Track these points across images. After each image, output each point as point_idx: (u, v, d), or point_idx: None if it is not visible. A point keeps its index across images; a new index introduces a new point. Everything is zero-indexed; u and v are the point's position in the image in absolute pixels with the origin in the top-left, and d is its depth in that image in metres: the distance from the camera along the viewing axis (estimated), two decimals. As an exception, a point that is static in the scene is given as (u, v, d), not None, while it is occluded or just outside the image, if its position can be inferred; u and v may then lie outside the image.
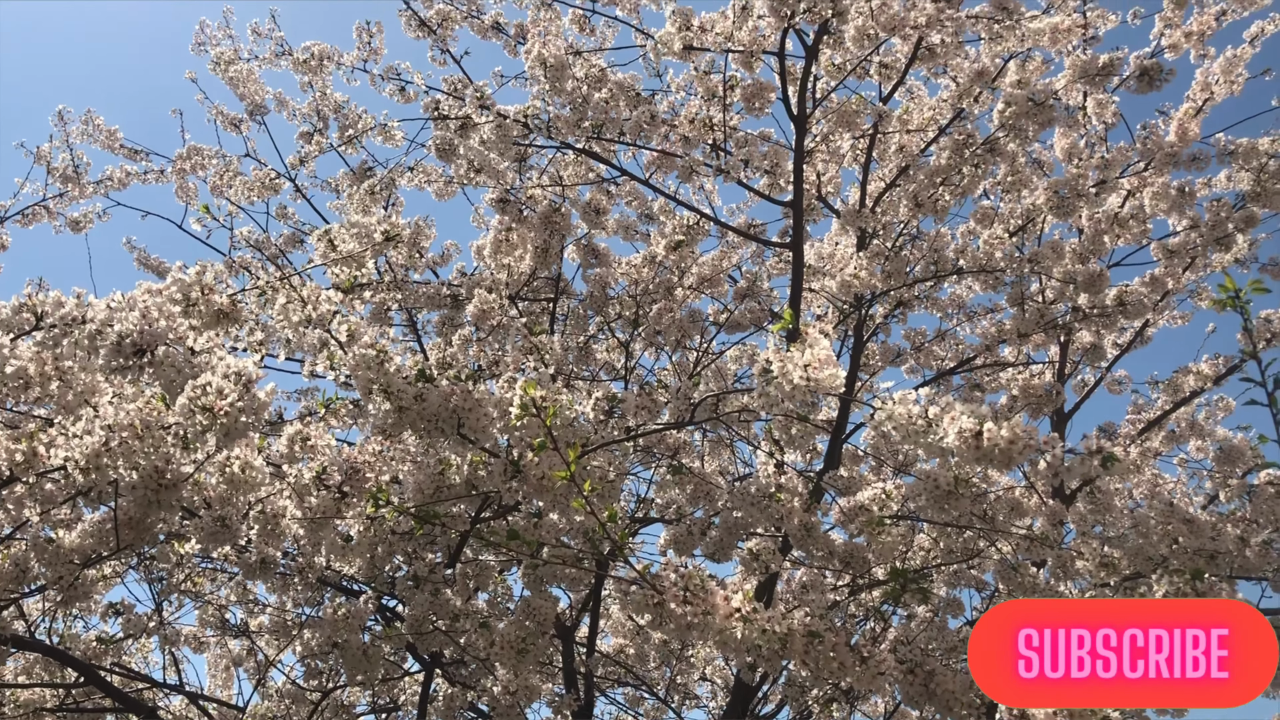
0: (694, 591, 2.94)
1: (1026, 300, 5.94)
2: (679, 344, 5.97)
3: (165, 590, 4.75)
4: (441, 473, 3.68)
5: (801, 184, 5.25)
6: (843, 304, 5.76)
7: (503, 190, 5.10)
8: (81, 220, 6.42)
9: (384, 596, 4.60)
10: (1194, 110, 5.80)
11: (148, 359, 2.62)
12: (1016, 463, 2.62)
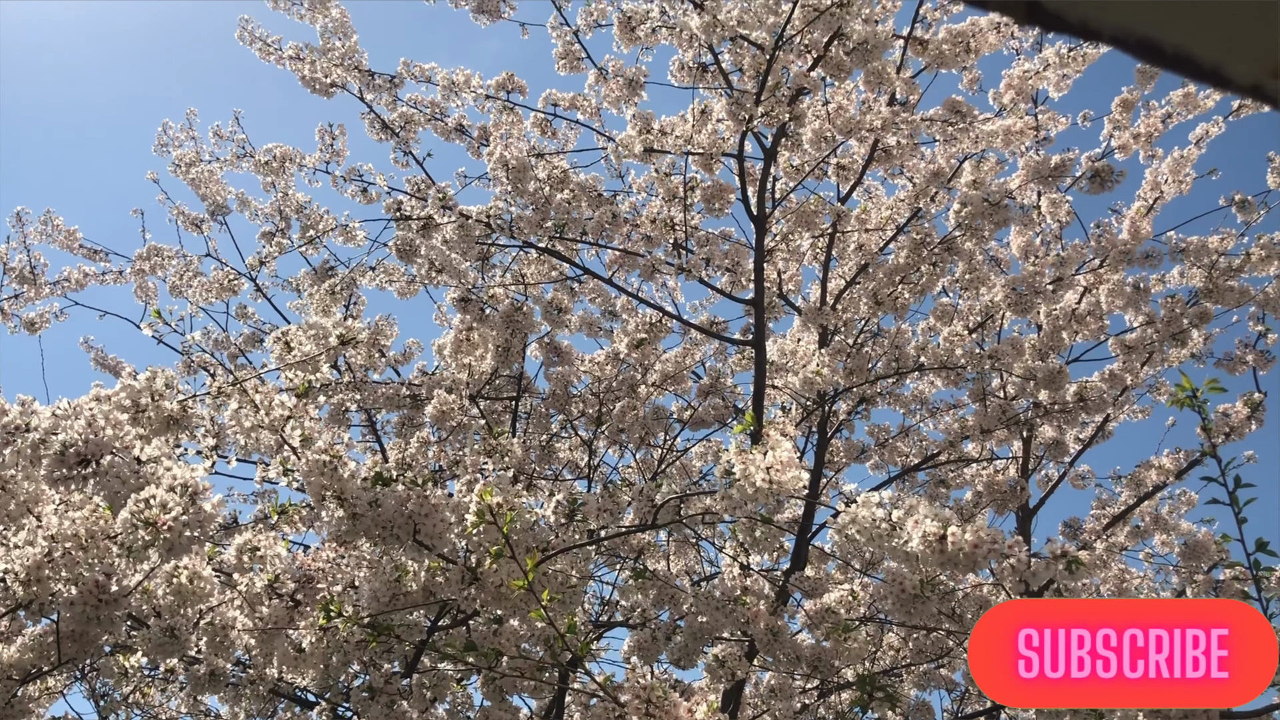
0: (656, 704, 2.86)
1: (988, 396, 5.97)
2: (643, 441, 5.93)
3: (110, 706, 4.56)
4: (398, 580, 3.59)
5: (762, 282, 5.29)
6: (806, 400, 5.76)
7: (464, 289, 5.09)
8: (37, 321, 6.34)
9: (338, 707, 4.45)
10: (1145, 209, 5.93)
11: (92, 469, 2.55)
12: (981, 566, 2.58)
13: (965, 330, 5.79)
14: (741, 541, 4.13)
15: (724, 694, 4.52)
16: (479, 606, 3.57)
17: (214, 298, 5.87)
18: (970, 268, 5.79)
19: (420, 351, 6.28)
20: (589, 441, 5.93)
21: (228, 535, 4.21)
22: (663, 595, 4.39)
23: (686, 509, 3.73)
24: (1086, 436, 6.64)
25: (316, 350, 3.31)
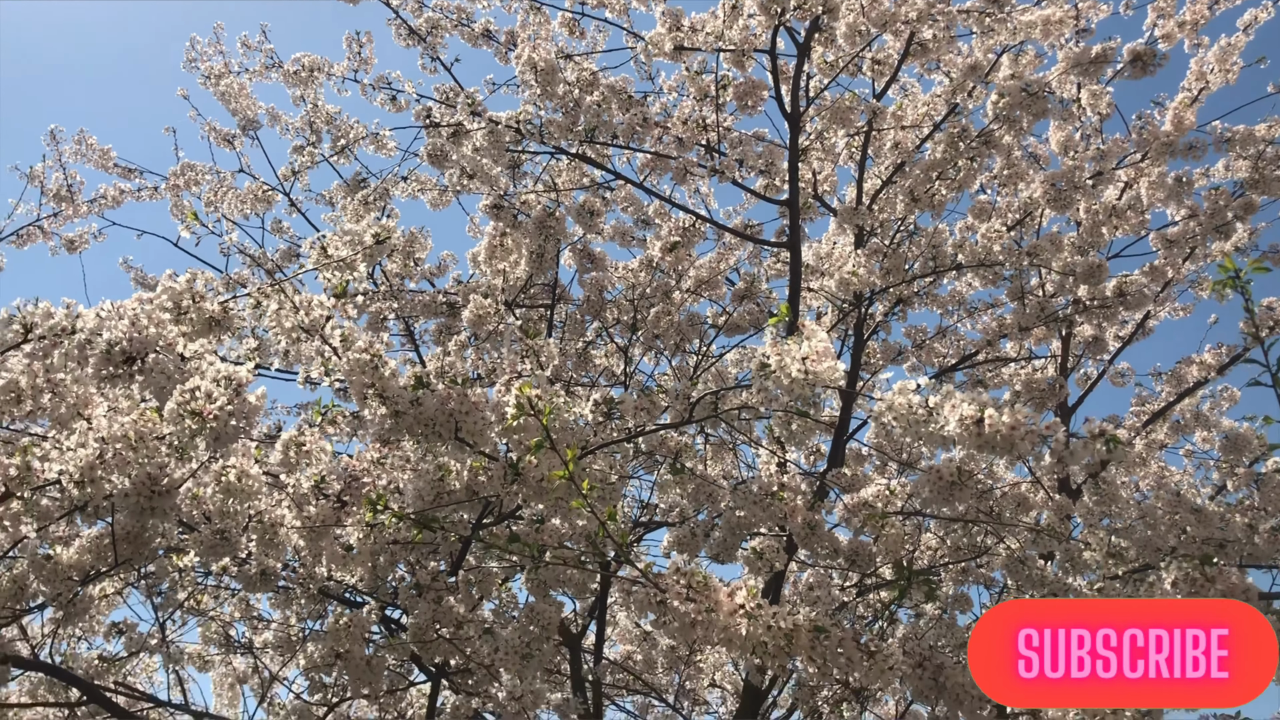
0: (697, 589, 2.91)
1: (1026, 294, 5.91)
2: (678, 348, 5.94)
3: (166, 605, 4.70)
4: (441, 479, 3.65)
5: (797, 182, 5.24)
6: (842, 303, 5.73)
7: (497, 196, 5.07)
8: (77, 240, 6.40)
9: (387, 608, 4.56)
10: (1189, 100, 5.78)
11: (137, 366, 2.60)
12: (1019, 449, 2.59)
13: (1003, 227, 5.71)
14: (778, 436, 4.15)
15: (763, 587, 4.58)
16: (521, 502, 3.63)
17: (249, 211, 5.89)
18: (1008, 163, 5.69)
19: (455, 263, 6.30)
20: (624, 348, 5.94)
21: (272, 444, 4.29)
22: (701, 493, 4.43)
23: (723, 405, 3.74)
24: (1126, 334, 6.57)
25: (353, 253, 3.33)
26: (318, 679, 4.55)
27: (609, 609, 6.31)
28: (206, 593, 5.69)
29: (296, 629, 5.29)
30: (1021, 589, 5.04)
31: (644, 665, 6.70)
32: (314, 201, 6.50)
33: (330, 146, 5.88)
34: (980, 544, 5.52)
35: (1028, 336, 6.29)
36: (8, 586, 3.38)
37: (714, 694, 7.30)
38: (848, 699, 4.67)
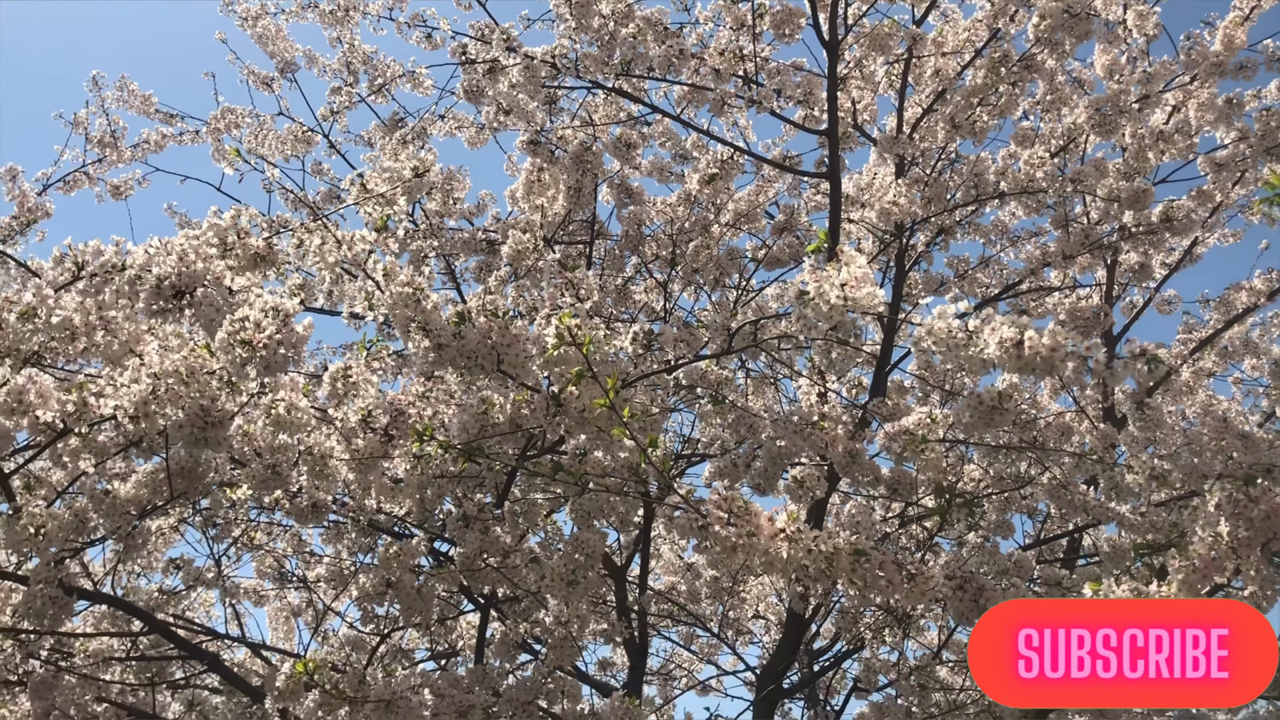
0: (738, 514, 2.95)
1: (1070, 222, 5.83)
2: (717, 282, 5.94)
3: (221, 536, 4.83)
4: (485, 412, 3.70)
5: (836, 112, 5.18)
6: (883, 233, 5.69)
7: (533, 132, 5.07)
8: (122, 186, 6.49)
9: (435, 540, 4.66)
10: (1241, 18, 5.62)
11: (186, 300, 2.66)
12: (1058, 370, 2.58)
13: (1047, 154, 5.63)
14: (818, 366, 4.16)
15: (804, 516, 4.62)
16: (564, 434, 3.68)
17: (290, 152, 5.94)
18: (1051, 88, 5.58)
19: (493, 202, 6.32)
20: (664, 283, 5.95)
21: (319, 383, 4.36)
22: (741, 425, 4.47)
23: (762, 334, 3.75)
24: (1173, 261, 6.47)
25: (392, 189, 3.36)
26: (370, 609, 4.67)
27: (652, 542, 6.39)
28: (260, 529, 5.85)
29: (348, 563, 5.42)
30: (1064, 514, 5.05)
31: (688, 596, 6.79)
32: (353, 143, 6.55)
33: (367, 87, 5.90)
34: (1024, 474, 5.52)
35: (1072, 265, 6.22)
36: (69, 520, 3.49)
37: (757, 624, 7.40)
38: (890, 625, 4.72)
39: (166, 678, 5.10)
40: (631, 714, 3.86)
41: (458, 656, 6.14)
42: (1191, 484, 4.69)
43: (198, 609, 6.31)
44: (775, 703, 5.66)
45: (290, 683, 3.37)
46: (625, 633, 4.54)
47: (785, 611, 6.00)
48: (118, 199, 6.54)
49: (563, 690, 3.99)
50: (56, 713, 4.76)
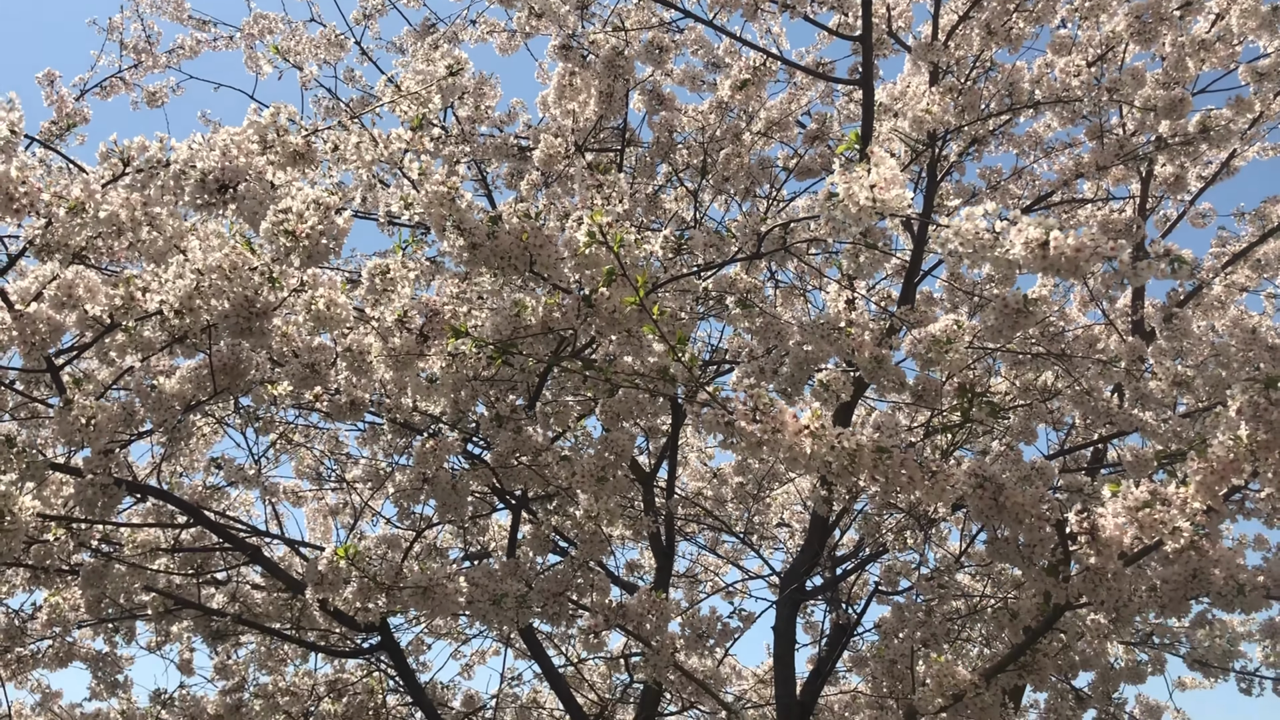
0: (763, 410, 3.02)
1: (1106, 133, 5.78)
2: (748, 192, 5.94)
3: (262, 431, 4.97)
4: (517, 314, 3.78)
5: (870, 18, 5.12)
6: (915, 142, 5.66)
7: (565, 37, 5.06)
8: (157, 93, 6.55)
9: (468, 442, 4.78)
10: (1288, -79, 5.48)
11: (230, 195, 2.73)
12: (1083, 271, 2.61)
13: (1083, 63, 5.55)
14: (846, 271, 4.20)
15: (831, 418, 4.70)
16: (594, 335, 3.76)
17: (323, 56, 5.96)
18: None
19: (524, 110, 6.32)
20: (694, 192, 5.96)
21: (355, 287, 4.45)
22: (769, 331, 4.52)
23: (791, 238, 3.79)
24: (1209, 173, 6.41)
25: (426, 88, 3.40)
26: (406, 507, 4.81)
27: (679, 450, 6.51)
28: (298, 431, 6.01)
29: (384, 464, 5.57)
30: (1089, 426, 5.10)
31: (713, 502, 6.93)
32: (384, 49, 6.54)
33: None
34: (1050, 386, 5.56)
35: (1105, 176, 6.17)
36: (118, 413, 3.62)
37: (782, 532, 7.55)
38: (911, 529, 4.82)
39: (210, 569, 5.30)
40: (659, 606, 4.00)
41: (489, 558, 6.32)
42: (1216, 395, 4.73)
43: (238, 508, 6.51)
44: (798, 604, 5.81)
45: (331, 568, 3.51)
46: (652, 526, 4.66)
47: (809, 517, 6.12)
48: (153, 106, 6.59)
49: (592, 584, 4.13)
50: (107, 600, 4.98)
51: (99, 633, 5.68)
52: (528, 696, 7.53)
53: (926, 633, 4.25)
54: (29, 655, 5.95)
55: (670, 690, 5.24)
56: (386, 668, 6.29)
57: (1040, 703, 5.84)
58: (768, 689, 7.13)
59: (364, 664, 6.41)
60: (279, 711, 6.15)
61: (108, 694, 6.18)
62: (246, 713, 6.10)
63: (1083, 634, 4.33)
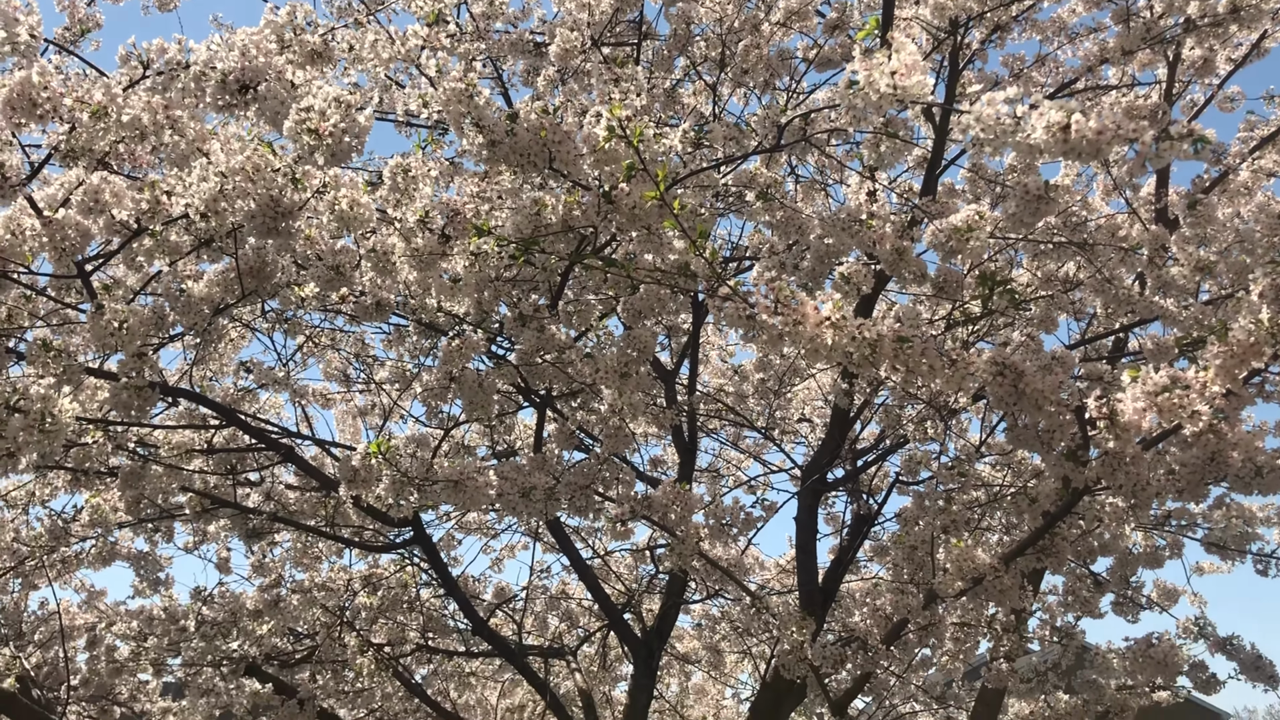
0: (784, 302, 3.05)
1: (1132, 16, 5.65)
2: (767, 84, 5.86)
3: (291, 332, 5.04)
4: (537, 213, 3.79)
5: (890, -101, 4.99)
6: (936, 30, 5.56)
7: (579, -72, 4.97)
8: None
9: (493, 342, 4.84)
10: None
11: (251, 95, 2.74)
12: (1104, 154, 2.60)
13: (1110, -57, 5.41)
14: (867, 162, 4.18)
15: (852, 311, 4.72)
16: (615, 232, 3.77)
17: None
18: None
19: (539, 5, 6.24)
20: (712, 86, 5.89)
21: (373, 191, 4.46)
22: (789, 225, 4.52)
23: (812, 129, 3.77)
24: (1239, 56, 6.27)
25: (441, -15, 3.36)
26: (434, 405, 4.90)
27: (700, 347, 6.55)
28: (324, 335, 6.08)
29: (410, 365, 5.65)
30: (1110, 314, 5.10)
31: (735, 399, 7.00)
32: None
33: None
34: (1071, 277, 5.55)
35: (1131, 61, 6.05)
36: (149, 316, 3.68)
37: (803, 426, 7.63)
38: (932, 419, 4.87)
39: (244, 470, 5.44)
40: (683, 497, 4.08)
41: (516, 456, 6.44)
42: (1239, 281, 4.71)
43: (268, 411, 6.63)
44: (819, 495, 5.91)
45: (364, 465, 3.60)
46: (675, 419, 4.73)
47: (830, 411, 6.18)
48: (164, 10, 6.52)
49: (617, 477, 4.21)
50: (145, 501, 5.13)
51: (139, 533, 5.85)
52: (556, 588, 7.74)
53: (946, 520, 4.33)
54: (73, 556, 6.15)
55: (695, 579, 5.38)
56: (419, 562, 6.47)
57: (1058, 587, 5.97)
58: (790, 578, 7.30)
59: (397, 559, 6.59)
60: (316, 605, 6.36)
61: (150, 591, 6.39)
62: (284, 607, 6.31)
63: (1101, 519, 4.41)
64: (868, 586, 6.07)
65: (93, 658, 6.89)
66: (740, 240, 6.51)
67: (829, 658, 4.17)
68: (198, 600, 6.41)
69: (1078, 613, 5.66)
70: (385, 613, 6.49)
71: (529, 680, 6.32)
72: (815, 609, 5.38)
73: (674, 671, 9.13)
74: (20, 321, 3.69)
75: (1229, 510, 5.58)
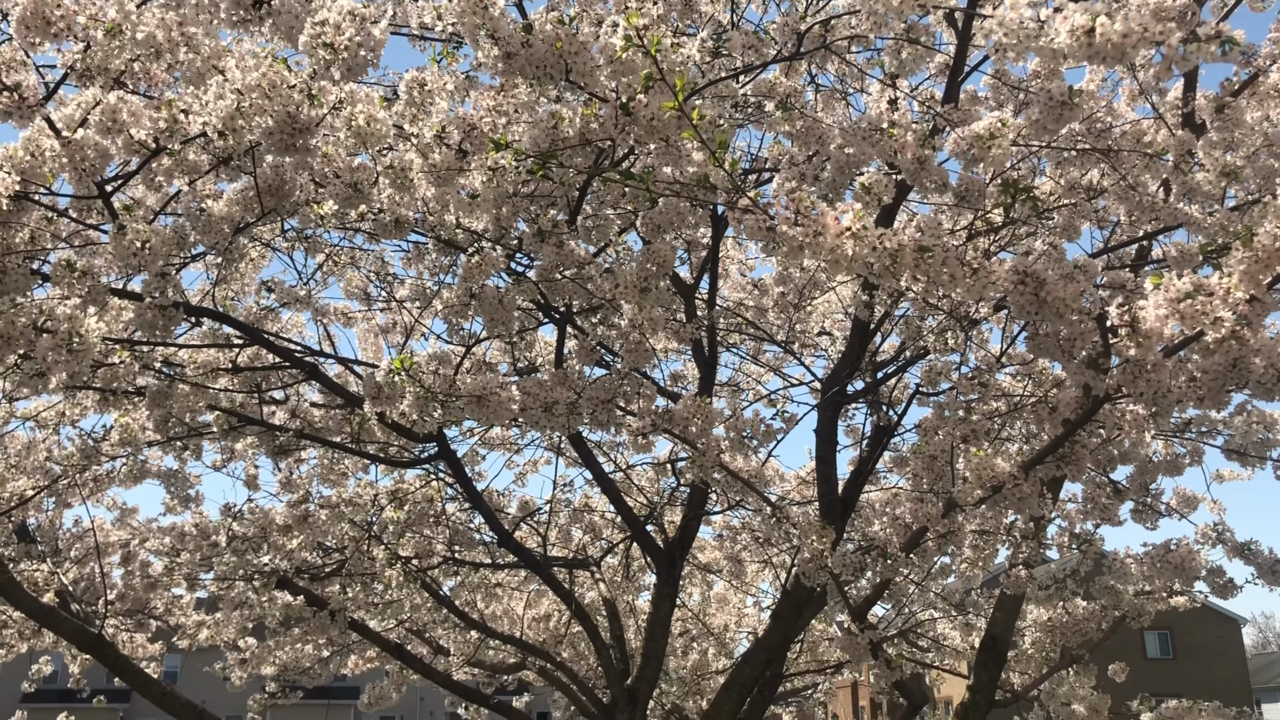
0: (805, 213, 3.03)
1: (1163, -87, 5.48)
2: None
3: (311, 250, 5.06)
4: (555, 126, 3.76)
5: None
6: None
7: None
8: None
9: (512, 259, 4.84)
10: None
11: (265, 10, 2.71)
12: (1129, 57, 2.56)
13: None
14: (889, 69, 4.11)
15: (872, 223, 4.69)
16: (634, 143, 3.74)
17: None
18: None
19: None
20: (732, -8, 5.78)
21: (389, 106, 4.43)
22: (810, 135, 4.47)
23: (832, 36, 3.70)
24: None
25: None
26: (455, 322, 4.93)
27: (720, 262, 6.53)
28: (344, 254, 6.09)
29: (430, 283, 5.66)
30: (1134, 222, 5.05)
31: (755, 313, 7.00)
32: None
33: None
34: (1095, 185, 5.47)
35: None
36: (170, 236, 3.70)
37: (823, 339, 7.63)
38: (952, 329, 4.86)
39: (269, 388, 5.50)
40: (704, 410, 4.12)
41: (537, 372, 6.48)
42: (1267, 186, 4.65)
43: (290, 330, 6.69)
44: (839, 407, 5.94)
45: (388, 381, 3.64)
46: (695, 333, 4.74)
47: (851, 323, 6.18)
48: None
49: (638, 391, 4.25)
50: (173, 419, 5.20)
51: (168, 451, 5.95)
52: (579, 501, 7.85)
53: (966, 430, 4.35)
54: (104, 474, 6.27)
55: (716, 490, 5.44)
56: (444, 477, 6.57)
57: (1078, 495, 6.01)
58: (810, 489, 7.37)
59: (422, 474, 6.69)
60: (344, 520, 6.48)
61: (181, 508, 6.53)
62: (313, 523, 6.43)
63: (1121, 426, 4.42)
64: (887, 497, 6.12)
65: (128, 573, 7.07)
66: (760, 152, 6.43)
67: (849, 565, 4.23)
68: (228, 516, 6.54)
69: (1097, 520, 5.71)
70: (412, 527, 6.61)
71: (554, 590, 6.45)
72: (835, 519, 5.45)
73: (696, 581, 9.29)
74: (43, 243, 3.71)
75: (1249, 416, 5.58)
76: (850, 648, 4.30)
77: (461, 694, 7.27)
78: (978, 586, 7.66)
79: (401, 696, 8.92)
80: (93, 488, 6.33)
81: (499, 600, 8.87)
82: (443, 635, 8.29)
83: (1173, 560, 5.27)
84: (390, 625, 7.53)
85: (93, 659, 6.39)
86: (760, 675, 5.83)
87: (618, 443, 7.50)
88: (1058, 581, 6.46)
